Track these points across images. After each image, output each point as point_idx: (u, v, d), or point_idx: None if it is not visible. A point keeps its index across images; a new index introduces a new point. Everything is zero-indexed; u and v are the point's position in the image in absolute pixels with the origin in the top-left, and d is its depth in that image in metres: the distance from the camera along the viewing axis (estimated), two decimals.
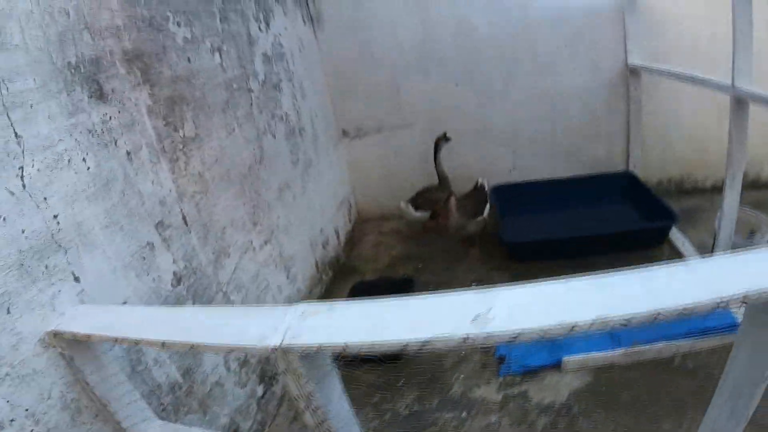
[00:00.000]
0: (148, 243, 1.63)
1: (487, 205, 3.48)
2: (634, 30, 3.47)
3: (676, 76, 2.94)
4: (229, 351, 0.98)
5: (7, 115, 1.18)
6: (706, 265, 0.87)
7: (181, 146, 1.87)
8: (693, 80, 2.72)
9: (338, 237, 3.65)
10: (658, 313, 0.78)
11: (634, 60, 3.51)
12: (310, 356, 0.94)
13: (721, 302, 0.78)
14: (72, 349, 1.21)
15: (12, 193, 1.17)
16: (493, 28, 3.57)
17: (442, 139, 3.59)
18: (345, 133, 3.98)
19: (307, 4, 3.55)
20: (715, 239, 2.66)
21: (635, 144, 3.78)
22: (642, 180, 3.69)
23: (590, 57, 3.60)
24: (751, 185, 3.75)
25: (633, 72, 3.56)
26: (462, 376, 2.39)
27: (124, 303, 1.50)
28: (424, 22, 3.61)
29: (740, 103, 2.32)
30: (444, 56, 3.69)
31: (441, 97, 3.81)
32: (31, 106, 1.25)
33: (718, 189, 2.67)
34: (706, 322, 2.25)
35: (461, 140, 3.83)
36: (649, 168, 3.87)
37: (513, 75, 3.70)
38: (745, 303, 0.79)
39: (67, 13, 1.41)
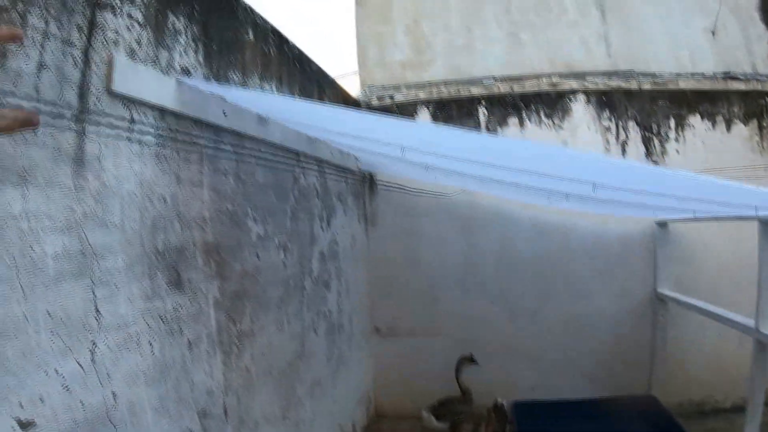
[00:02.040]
0: (189, 430, 1.62)
1: (507, 426, 3.37)
2: (664, 260, 3.68)
3: (702, 311, 3.04)
4: None
5: (93, 291, 1.24)
6: None
7: (236, 339, 1.94)
8: (718, 318, 2.82)
9: None
10: None
11: (663, 288, 3.66)
12: None
13: None
14: None
15: (80, 366, 1.19)
16: (534, 252, 3.84)
17: (467, 359, 3.57)
18: (377, 330, 4.06)
19: (365, 205, 3.88)
20: None
21: (659, 369, 3.77)
22: (663, 404, 3.59)
23: (621, 284, 3.77)
24: None
25: (661, 300, 3.69)
26: None
27: None
28: (469, 243, 3.90)
29: (763, 346, 2.37)
30: (484, 276, 3.91)
31: (475, 312, 3.94)
32: (116, 287, 1.31)
33: (737, 408, 2.61)
34: None
35: (488, 355, 3.86)
36: (670, 390, 3.77)
37: (546, 297, 3.87)
38: None
39: (165, 200, 1.53)
